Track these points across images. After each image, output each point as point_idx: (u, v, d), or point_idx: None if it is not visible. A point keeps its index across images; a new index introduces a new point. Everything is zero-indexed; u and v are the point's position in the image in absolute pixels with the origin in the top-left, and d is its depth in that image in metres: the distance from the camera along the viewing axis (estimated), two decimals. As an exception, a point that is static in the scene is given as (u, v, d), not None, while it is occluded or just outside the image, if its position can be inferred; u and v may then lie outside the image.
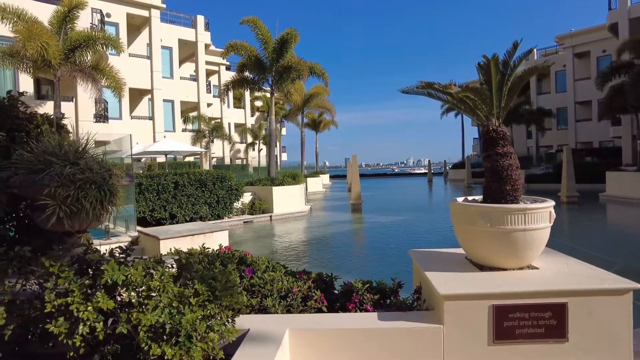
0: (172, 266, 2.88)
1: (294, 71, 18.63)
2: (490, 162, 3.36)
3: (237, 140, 40.54)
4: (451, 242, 10.87)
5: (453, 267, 3.50)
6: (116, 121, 25.16)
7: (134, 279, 2.22)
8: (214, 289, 2.59)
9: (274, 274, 3.92)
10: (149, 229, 6.69)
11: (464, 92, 3.09)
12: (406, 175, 71.40)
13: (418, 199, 25.69)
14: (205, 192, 14.50)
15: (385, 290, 3.64)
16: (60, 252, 2.58)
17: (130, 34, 27.77)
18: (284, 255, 9.54)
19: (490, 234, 3.18)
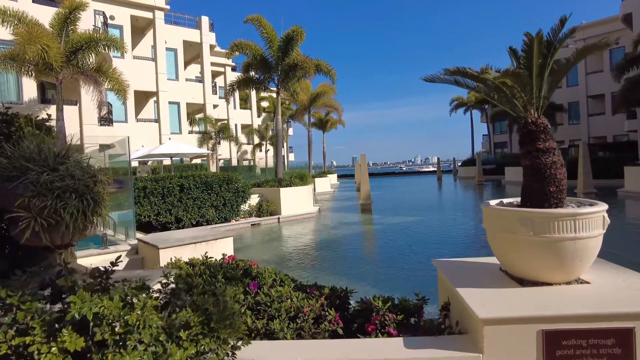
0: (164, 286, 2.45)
1: (300, 69, 18.20)
2: (530, 159, 2.89)
3: (244, 141, 40.24)
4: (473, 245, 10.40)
5: (487, 281, 3.04)
6: (121, 124, 24.94)
7: (108, 313, 1.80)
8: (209, 318, 2.16)
9: (282, 289, 3.49)
10: (149, 236, 6.31)
11: (504, 77, 2.63)
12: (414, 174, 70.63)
13: (429, 198, 25.12)
14: (211, 194, 14.14)
15: (409, 309, 3.19)
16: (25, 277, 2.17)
17: (134, 36, 27.57)
18: (293, 262, 9.12)
19: (533, 244, 2.72)
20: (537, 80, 2.76)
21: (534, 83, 2.75)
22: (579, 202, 3.05)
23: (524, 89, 2.74)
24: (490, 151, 51.59)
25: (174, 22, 30.69)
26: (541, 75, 2.77)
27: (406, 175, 67.10)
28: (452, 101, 49.19)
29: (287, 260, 9.27)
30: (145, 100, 28.79)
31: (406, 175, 67.10)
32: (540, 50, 2.62)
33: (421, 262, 8.50)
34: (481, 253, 8.98)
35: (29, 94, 17.69)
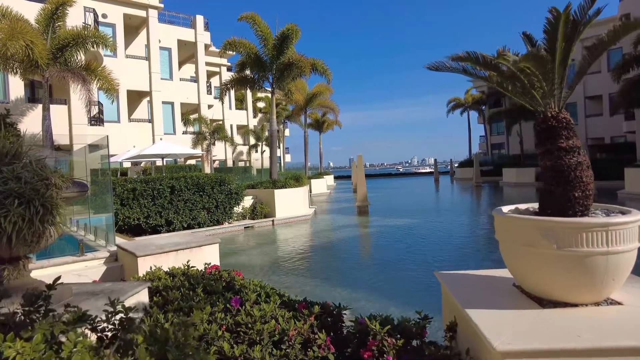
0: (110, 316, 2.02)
1: (296, 68, 17.79)
2: (550, 160, 2.50)
3: (239, 142, 39.77)
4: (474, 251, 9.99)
5: (501, 299, 2.64)
6: (113, 124, 24.43)
7: None
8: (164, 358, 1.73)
9: (266, 306, 3.08)
10: (129, 242, 5.89)
11: (526, 61, 2.24)
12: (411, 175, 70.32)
13: (426, 200, 24.75)
14: (203, 196, 13.70)
15: (409, 331, 2.78)
16: None
17: (128, 35, 27.09)
18: (285, 267, 8.70)
19: (556, 259, 2.32)
20: (560, 68, 2.37)
21: (556, 70, 2.36)
22: (606, 209, 2.66)
23: (545, 77, 2.35)
24: (487, 152, 51.36)
25: (168, 21, 30.24)
26: (564, 62, 2.38)
27: (403, 176, 66.79)
28: (449, 102, 48.93)
29: (280, 265, 8.86)
30: (139, 100, 28.31)
31: (403, 176, 66.79)
32: (566, 31, 2.24)
33: (420, 268, 8.10)
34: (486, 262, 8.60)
35: (16, 93, 17.19)
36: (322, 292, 6.72)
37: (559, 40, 2.26)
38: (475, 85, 51.49)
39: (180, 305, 3.39)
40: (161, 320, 3.15)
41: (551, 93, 2.45)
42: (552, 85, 2.41)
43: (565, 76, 2.45)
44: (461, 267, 8.16)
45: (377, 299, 6.10)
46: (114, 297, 3.21)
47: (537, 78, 2.36)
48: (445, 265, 8.31)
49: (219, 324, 2.99)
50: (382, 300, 6.04)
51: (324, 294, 6.59)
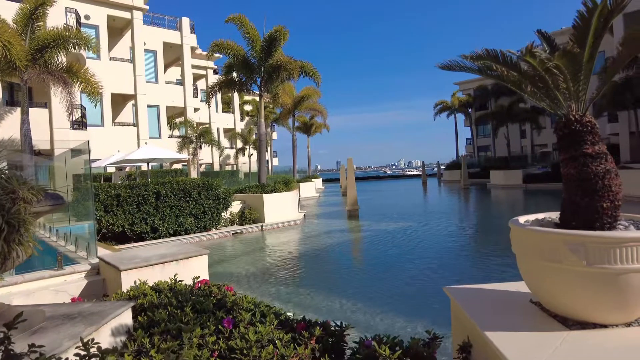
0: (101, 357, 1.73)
1: (284, 71, 17.53)
2: (575, 167, 2.29)
3: (226, 145, 39.28)
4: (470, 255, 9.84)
5: (519, 318, 2.42)
6: (97, 128, 23.86)
7: None
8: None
9: (263, 327, 2.81)
10: (112, 255, 5.53)
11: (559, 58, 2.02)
12: (399, 178, 70.54)
13: (416, 203, 24.69)
14: (190, 202, 13.32)
15: (421, 355, 2.54)
16: None
17: (112, 37, 26.53)
18: (276, 277, 8.41)
19: (586, 276, 2.10)
20: (587, 66, 2.16)
21: (584, 69, 2.16)
22: (631, 220, 2.46)
23: (574, 77, 2.14)
24: (474, 155, 51.76)
25: (154, 23, 29.73)
26: (591, 60, 2.18)
27: (391, 179, 66.95)
28: (436, 105, 49.18)
29: (271, 274, 8.56)
30: (123, 103, 27.73)
31: (391, 179, 66.95)
32: (598, 25, 2.03)
33: (416, 274, 7.89)
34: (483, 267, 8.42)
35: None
36: (317, 302, 6.46)
37: (590, 35, 2.06)
38: (462, 89, 51.95)
39: (167, 327, 3.09)
40: (146, 345, 2.86)
41: (577, 94, 2.25)
42: (579, 85, 2.21)
43: (590, 75, 2.25)
44: (459, 273, 7.99)
45: (376, 310, 5.86)
46: (93, 320, 2.90)
47: (564, 78, 2.15)
48: (442, 271, 8.11)
49: (210, 349, 2.71)
50: (381, 311, 5.80)
51: (319, 303, 6.33)
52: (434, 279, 7.51)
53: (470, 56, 2.34)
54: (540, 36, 2.64)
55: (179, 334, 2.97)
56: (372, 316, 5.64)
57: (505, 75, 2.45)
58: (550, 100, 2.37)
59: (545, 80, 2.22)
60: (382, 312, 5.75)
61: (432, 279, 7.53)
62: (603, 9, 1.97)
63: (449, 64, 2.46)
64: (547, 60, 2.07)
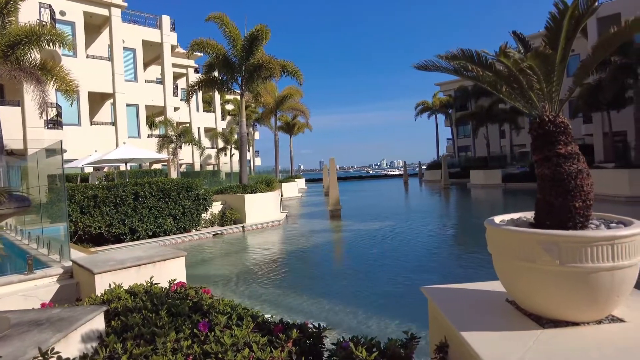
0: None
1: (265, 70, 17.41)
2: (549, 167, 2.31)
3: (207, 145, 38.84)
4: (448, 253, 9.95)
5: (496, 318, 2.43)
6: (74, 127, 23.30)
7: None
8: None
9: (239, 331, 2.76)
10: (86, 257, 5.37)
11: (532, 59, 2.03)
12: (381, 177, 71.03)
13: (397, 203, 24.87)
14: (169, 203, 13.09)
15: (398, 356, 2.53)
16: None
17: (89, 34, 25.92)
18: (255, 278, 8.33)
19: (559, 275, 2.13)
20: (560, 67, 2.19)
21: (556, 70, 2.18)
22: (602, 219, 2.50)
23: (547, 78, 2.16)
24: (454, 155, 52.48)
25: (133, 21, 29.15)
26: (564, 62, 2.21)
27: (373, 179, 67.35)
28: (417, 105, 49.69)
29: (251, 276, 8.48)
30: (102, 102, 27.12)
31: (373, 179, 67.35)
32: (569, 27, 2.06)
33: (397, 274, 7.93)
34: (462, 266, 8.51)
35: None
36: (296, 303, 6.42)
37: (562, 37, 2.08)
38: (443, 89, 52.61)
39: (141, 332, 3.01)
40: (119, 351, 2.77)
41: (550, 95, 2.27)
42: (552, 86, 2.23)
43: (563, 76, 2.27)
44: (438, 272, 8.06)
45: (356, 310, 5.85)
46: (62, 326, 2.80)
47: (537, 78, 2.17)
48: (422, 271, 8.17)
49: (184, 353, 2.64)
50: (361, 312, 5.79)
51: (298, 304, 6.29)
52: (414, 278, 7.56)
53: (445, 56, 2.34)
54: (515, 37, 2.66)
55: (152, 339, 2.89)
56: (353, 317, 5.63)
57: (481, 76, 2.46)
58: (524, 100, 2.39)
59: (520, 80, 2.23)
60: (363, 313, 5.74)
61: (411, 278, 7.57)
62: (574, 12, 2.00)
63: (425, 65, 2.46)
64: (520, 61, 2.08)
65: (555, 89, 2.27)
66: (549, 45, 2.14)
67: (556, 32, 2.09)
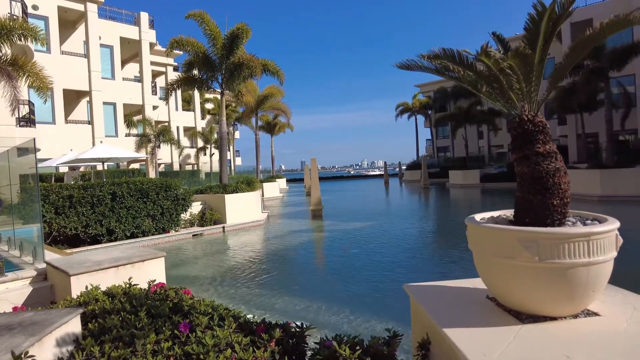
0: None
1: (246, 68, 17.28)
2: (528, 166, 2.36)
3: (186, 144, 38.29)
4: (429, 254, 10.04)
5: (477, 315, 2.47)
6: (48, 126, 22.63)
7: None
8: None
9: (221, 331, 2.72)
10: (61, 259, 5.21)
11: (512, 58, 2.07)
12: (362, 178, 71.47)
13: (377, 202, 25.06)
14: (147, 203, 12.84)
15: (381, 354, 2.54)
16: None
17: (63, 30, 25.22)
18: (236, 279, 8.26)
19: (538, 271, 2.18)
20: (538, 68, 2.24)
21: (535, 71, 2.23)
22: (578, 216, 2.57)
23: (526, 78, 2.21)
24: (433, 155, 53.23)
25: (110, 17, 28.48)
26: (542, 62, 2.26)
27: (354, 179, 67.69)
28: (398, 106, 50.20)
29: (232, 276, 8.40)
30: (77, 100, 26.43)
31: (354, 179, 67.69)
32: (547, 29, 2.10)
33: (379, 273, 7.98)
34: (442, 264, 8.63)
35: None
36: (279, 303, 6.39)
37: (540, 38, 2.13)
38: (423, 91, 53.27)
39: (119, 334, 2.93)
40: (96, 354, 2.70)
41: (529, 94, 2.32)
42: (531, 86, 2.28)
43: (541, 77, 2.33)
44: (419, 270, 8.15)
45: (339, 309, 5.86)
46: (35, 330, 2.71)
47: (517, 78, 2.21)
48: (403, 269, 8.25)
49: (165, 355, 2.59)
50: (344, 310, 5.81)
51: (281, 304, 6.26)
52: (395, 277, 7.62)
53: (428, 55, 2.36)
54: (494, 38, 2.71)
55: (132, 341, 2.83)
56: (335, 316, 5.64)
57: (462, 76, 2.50)
58: (504, 100, 2.44)
59: (500, 80, 2.28)
60: (345, 312, 5.76)
61: (393, 277, 7.63)
62: (552, 14, 2.05)
63: (407, 64, 2.48)
64: (501, 60, 2.12)
65: (534, 89, 2.32)
66: (529, 46, 2.19)
67: (535, 33, 2.13)
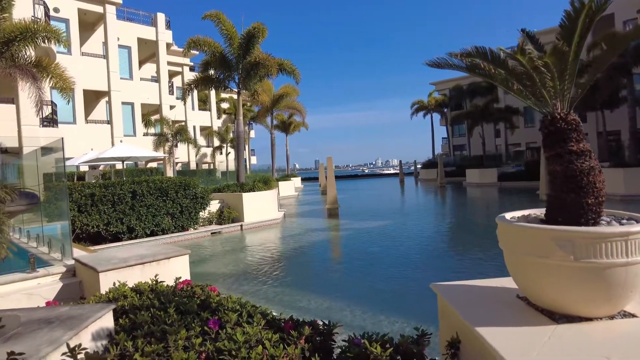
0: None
1: (262, 68, 17.37)
2: (561, 164, 2.33)
3: (203, 144, 38.70)
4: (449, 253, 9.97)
5: (508, 314, 2.45)
6: (69, 126, 23.11)
7: None
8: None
9: (250, 328, 2.76)
10: (89, 256, 5.34)
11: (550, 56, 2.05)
12: (376, 176, 71.17)
13: (394, 201, 24.94)
14: (167, 201, 13.04)
15: (411, 352, 2.55)
16: None
17: (83, 31, 25.72)
18: (258, 276, 8.33)
19: (573, 271, 2.15)
20: (572, 65, 2.21)
21: (569, 68, 2.20)
22: (612, 215, 2.53)
23: (561, 75, 2.18)
24: (449, 153, 52.70)
25: (127, 19, 28.96)
26: (576, 59, 2.23)
27: (369, 177, 67.47)
28: (413, 104, 49.80)
29: (252, 274, 8.47)
30: (96, 100, 26.93)
31: (369, 177, 67.47)
32: (584, 24, 2.08)
33: (399, 271, 7.96)
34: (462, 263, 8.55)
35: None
36: (299, 301, 6.42)
37: (576, 35, 2.11)
38: (438, 88, 52.78)
39: (151, 330, 3.00)
40: (130, 349, 2.76)
41: (562, 92, 2.29)
42: (564, 83, 2.25)
43: (575, 74, 2.30)
44: (440, 269, 8.09)
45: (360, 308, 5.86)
46: (72, 324, 2.78)
47: (551, 76, 2.19)
48: (423, 268, 8.21)
49: (197, 351, 2.64)
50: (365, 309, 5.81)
51: (305, 304, 6.29)
52: (415, 276, 7.59)
53: (460, 54, 2.35)
54: (524, 35, 2.68)
55: (163, 336, 2.88)
56: (357, 314, 5.64)
57: (493, 73, 2.48)
58: (536, 98, 2.41)
59: (533, 78, 2.25)
60: (366, 310, 5.76)
61: (413, 276, 7.60)
62: (589, 10, 2.02)
63: (437, 62, 2.47)
64: (537, 58, 2.10)
65: (567, 87, 2.29)
66: (566, 43, 2.16)
67: (571, 30, 2.11)
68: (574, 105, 2.37)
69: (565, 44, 2.14)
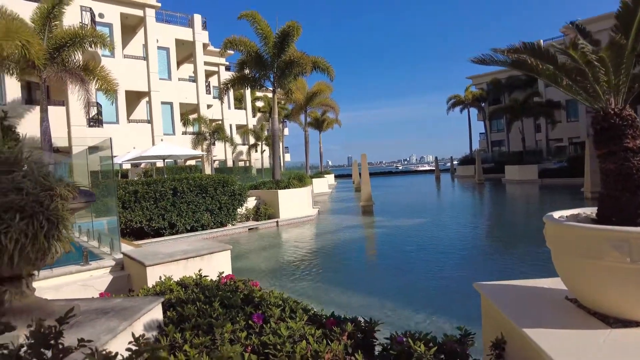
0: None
1: (297, 66, 17.50)
2: (615, 162, 2.24)
3: (238, 142, 39.47)
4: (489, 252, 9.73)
5: (557, 316, 2.39)
6: (113, 125, 24.13)
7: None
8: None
9: (293, 323, 2.82)
10: (135, 250, 5.61)
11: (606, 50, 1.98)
12: (411, 173, 70.23)
13: (430, 198, 24.53)
14: (206, 198, 13.42)
15: (454, 351, 2.53)
16: None
17: (125, 34, 26.76)
18: (296, 272, 8.44)
19: (629, 273, 2.06)
20: (629, 58, 2.11)
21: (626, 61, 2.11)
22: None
23: (616, 70, 2.10)
24: (487, 149, 51.19)
25: (166, 21, 29.87)
26: (633, 52, 2.13)
27: (403, 174, 66.65)
28: (449, 99, 48.67)
29: (290, 270, 8.60)
30: (137, 100, 27.99)
31: (403, 174, 66.65)
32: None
33: (436, 270, 7.85)
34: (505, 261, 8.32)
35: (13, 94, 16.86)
36: (337, 297, 6.47)
37: (634, 26, 2.01)
38: (475, 83, 51.31)
39: (197, 322, 3.12)
40: (178, 340, 2.89)
41: (617, 87, 2.20)
42: (619, 78, 2.16)
43: (631, 68, 2.20)
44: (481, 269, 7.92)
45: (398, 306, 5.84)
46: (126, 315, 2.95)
47: (605, 70, 2.10)
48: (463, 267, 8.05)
49: (243, 344, 2.73)
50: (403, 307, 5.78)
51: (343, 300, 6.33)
52: (454, 275, 7.46)
53: (507, 50, 2.30)
54: (575, 28, 2.58)
55: (210, 329, 3.00)
56: (395, 312, 5.62)
57: (540, 69, 2.41)
58: (587, 93, 2.32)
59: (585, 73, 2.17)
60: (405, 307, 5.73)
61: (452, 275, 7.48)
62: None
63: (483, 58, 2.43)
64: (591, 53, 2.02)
65: (623, 81, 2.20)
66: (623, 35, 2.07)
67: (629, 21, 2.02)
68: (630, 100, 2.26)
69: (623, 37, 2.06)
